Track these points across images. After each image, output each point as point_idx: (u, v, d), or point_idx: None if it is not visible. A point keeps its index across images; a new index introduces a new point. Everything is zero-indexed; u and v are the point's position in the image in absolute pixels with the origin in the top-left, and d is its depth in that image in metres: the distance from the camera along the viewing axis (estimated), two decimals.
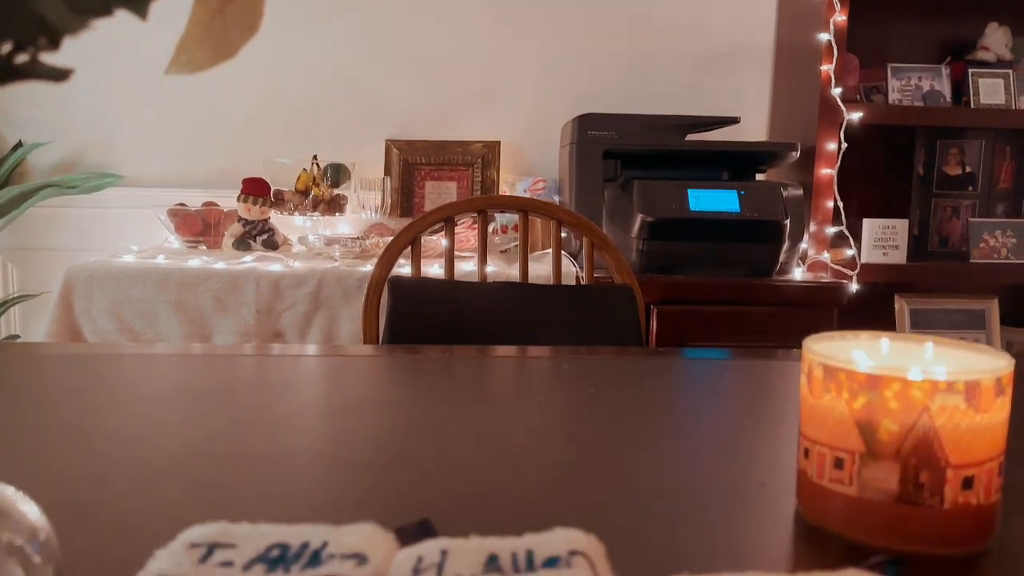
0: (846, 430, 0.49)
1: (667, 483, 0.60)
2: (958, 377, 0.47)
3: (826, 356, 0.51)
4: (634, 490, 0.58)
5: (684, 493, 0.58)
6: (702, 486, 0.59)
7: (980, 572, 0.46)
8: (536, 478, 0.60)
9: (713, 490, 0.58)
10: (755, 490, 0.58)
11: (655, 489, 0.58)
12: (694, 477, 0.61)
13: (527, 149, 2.39)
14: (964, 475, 0.47)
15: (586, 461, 0.64)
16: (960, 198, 2.16)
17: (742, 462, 0.64)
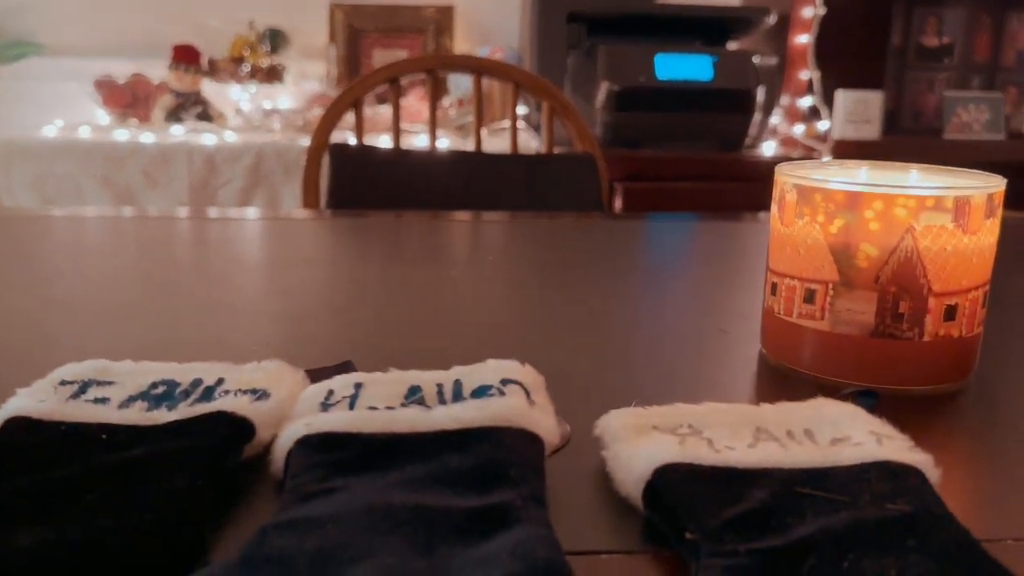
0: (819, 258, 0.44)
1: (621, 333, 0.55)
2: (947, 193, 0.41)
3: (801, 177, 0.45)
4: (583, 339, 0.53)
5: (639, 340, 0.53)
6: (660, 334, 0.54)
7: (958, 410, 0.42)
8: (479, 333, 0.55)
9: (671, 337, 0.54)
10: (716, 335, 0.54)
11: (607, 337, 0.53)
12: (651, 326, 0.56)
13: (484, 14, 2.24)
14: (947, 304, 0.43)
15: (536, 317, 0.59)
16: (936, 70, 2.09)
17: (704, 312, 0.60)
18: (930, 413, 0.41)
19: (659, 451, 0.31)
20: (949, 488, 0.33)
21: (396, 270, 0.71)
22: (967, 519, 0.31)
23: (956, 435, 0.39)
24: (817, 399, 0.35)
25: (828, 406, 0.35)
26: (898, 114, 2.10)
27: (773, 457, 0.31)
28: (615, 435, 0.33)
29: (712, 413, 0.34)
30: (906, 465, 0.30)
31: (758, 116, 1.79)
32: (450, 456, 0.30)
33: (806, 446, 0.32)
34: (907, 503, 0.27)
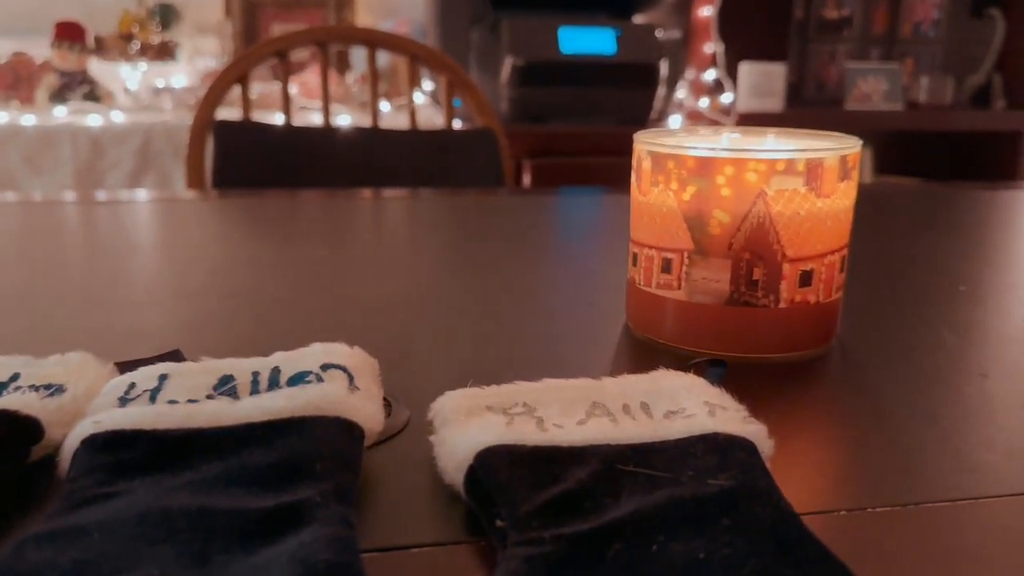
0: (674, 227, 0.43)
1: (492, 309, 0.53)
2: (798, 155, 0.40)
3: (655, 143, 0.43)
4: (453, 317, 0.51)
5: (508, 316, 0.51)
6: (530, 309, 0.53)
7: (814, 378, 0.42)
8: (351, 315, 0.52)
9: (541, 312, 0.52)
10: (583, 309, 0.52)
11: (477, 314, 0.51)
12: (525, 302, 0.54)
13: None
14: (802, 269, 0.42)
15: (415, 296, 0.57)
16: (837, 42, 2.13)
17: (579, 286, 0.58)
18: (786, 381, 0.41)
19: (483, 433, 0.29)
20: (788, 459, 0.32)
21: (277, 251, 0.67)
22: (801, 491, 0.30)
23: (808, 403, 0.39)
24: (659, 371, 0.34)
25: (668, 378, 0.33)
26: (801, 86, 2.14)
27: (602, 433, 0.29)
28: (445, 418, 0.31)
29: (550, 390, 0.33)
30: (736, 437, 0.28)
31: (663, 90, 1.79)
32: (252, 452, 0.28)
33: (639, 420, 0.30)
34: (730, 478, 0.26)
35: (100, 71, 1.90)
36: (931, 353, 0.44)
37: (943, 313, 0.51)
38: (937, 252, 0.68)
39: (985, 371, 0.42)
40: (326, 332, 0.46)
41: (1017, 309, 0.52)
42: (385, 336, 0.46)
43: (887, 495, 0.30)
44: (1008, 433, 0.35)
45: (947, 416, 0.36)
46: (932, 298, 0.55)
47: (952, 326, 0.49)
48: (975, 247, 0.70)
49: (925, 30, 2.17)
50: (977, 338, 0.47)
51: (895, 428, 0.36)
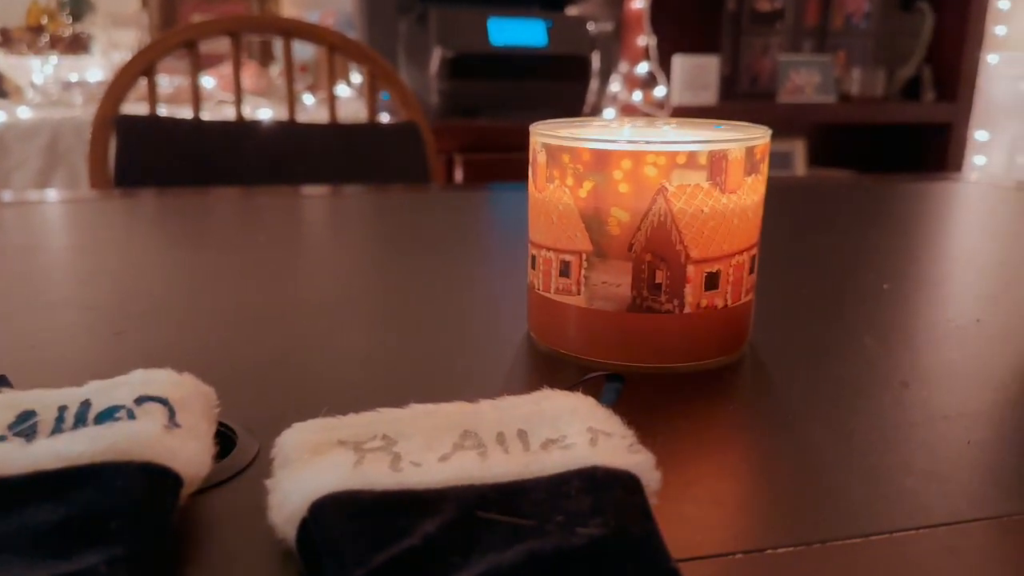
0: (572, 226, 0.39)
1: (384, 316, 0.48)
2: (700, 147, 0.37)
3: (549, 135, 0.39)
4: (337, 326, 0.46)
5: (399, 324, 0.47)
6: (425, 316, 0.48)
7: (727, 390, 0.38)
8: (213, 323, 0.47)
9: (437, 319, 0.48)
10: (488, 316, 0.48)
11: (364, 322, 0.47)
12: (420, 308, 0.50)
13: None
14: (707, 271, 0.38)
15: (295, 301, 0.52)
16: (769, 35, 2.13)
17: (485, 290, 0.54)
18: (692, 393, 0.37)
19: (323, 477, 0.24)
20: (683, 490, 0.29)
21: (167, 255, 0.62)
22: (694, 529, 0.26)
23: (712, 419, 0.35)
24: (543, 391, 0.30)
25: (552, 399, 0.29)
26: (735, 79, 2.13)
27: (466, 472, 0.25)
28: (286, 457, 0.27)
29: (417, 418, 0.28)
30: (616, 471, 0.25)
31: (596, 83, 1.76)
32: (38, 507, 0.23)
33: (512, 453, 0.26)
34: (602, 524, 0.22)
35: (6, 65, 1.79)
36: (849, 360, 0.41)
37: (864, 315, 0.49)
38: (863, 247, 0.65)
39: (906, 379, 0.39)
40: (185, 351, 0.41)
41: (943, 308, 0.50)
42: (258, 353, 0.42)
43: (792, 532, 0.26)
44: (928, 450, 0.32)
45: (863, 432, 0.33)
46: (854, 298, 0.52)
47: (873, 329, 0.46)
48: (903, 241, 0.68)
49: (856, 22, 2.19)
50: (899, 342, 0.44)
51: (806, 447, 0.32)
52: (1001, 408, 0.36)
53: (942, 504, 0.28)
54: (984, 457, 0.31)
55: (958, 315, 0.48)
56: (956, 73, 2.20)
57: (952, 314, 0.48)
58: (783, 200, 0.88)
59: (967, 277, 0.58)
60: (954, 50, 2.20)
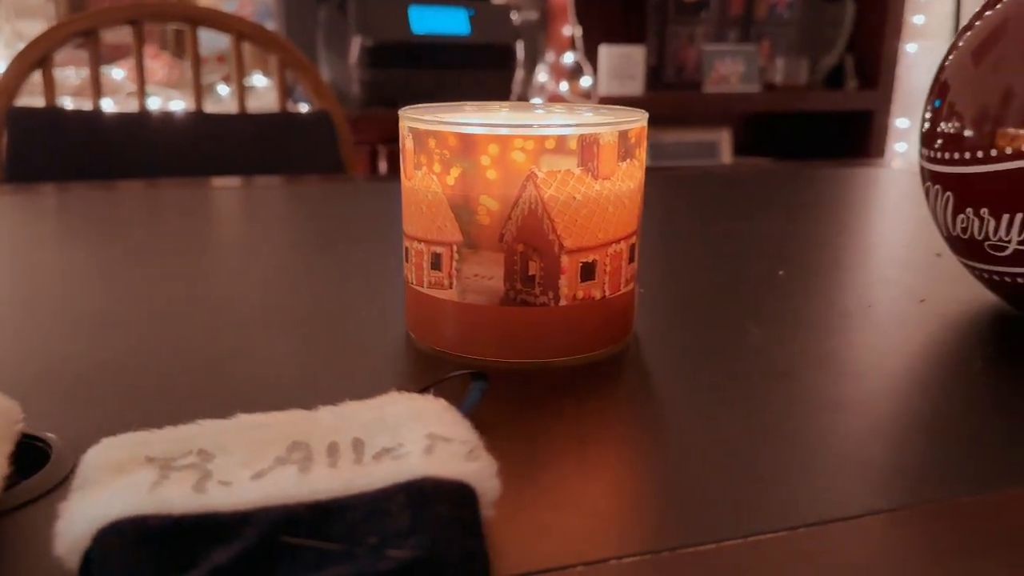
0: (441, 216, 0.37)
1: (255, 314, 0.46)
2: (569, 131, 0.35)
3: (415, 118, 0.37)
4: (200, 326, 0.43)
5: (271, 321, 0.44)
6: (300, 314, 0.46)
7: (606, 384, 0.37)
8: (57, 327, 0.44)
9: (313, 317, 0.45)
10: (367, 314, 0.46)
11: (230, 321, 0.44)
12: (298, 304, 0.47)
13: None
14: (583, 261, 0.37)
15: (165, 299, 0.48)
16: (695, 24, 2.13)
17: (372, 285, 0.51)
18: (570, 389, 0.35)
19: (114, 501, 0.22)
20: (541, 495, 0.27)
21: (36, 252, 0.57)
22: (546, 538, 0.24)
23: (587, 417, 0.33)
24: (390, 395, 0.28)
25: (397, 404, 0.27)
26: (661, 69, 2.14)
27: (281, 490, 0.23)
28: (86, 478, 0.24)
29: (242, 430, 0.26)
30: (447, 483, 0.23)
31: (521, 73, 1.74)
32: None
33: (340, 466, 0.24)
34: (417, 545, 0.20)
35: None
36: (733, 350, 0.40)
37: (755, 302, 0.47)
38: (770, 234, 0.65)
39: (789, 370, 0.38)
40: (13, 359, 0.38)
41: (836, 294, 0.49)
42: (102, 357, 0.38)
43: (645, 539, 0.24)
44: (804, 449, 0.30)
45: (742, 429, 0.32)
46: (747, 286, 0.51)
47: (762, 317, 0.45)
48: (812, 227, 0.68)
49: (780, 12, 2.21)
50: (785, 331, 0.43)
51: (679, 444, 0.31)
52: (878, 398, 0.35)
53: (806, 505, 0.26)
54: (854, 451, 0.30)
55: (851, 301, 0.47)
56: (877, 62, 2.24)
57: (844, 301, 0.48)
58: (701, 188, 0.88)
59: (868, 263, 0.57)
60: (874, 39, 2.25)
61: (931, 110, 0.44)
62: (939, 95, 0.44)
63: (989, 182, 0.40)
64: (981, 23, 0.43)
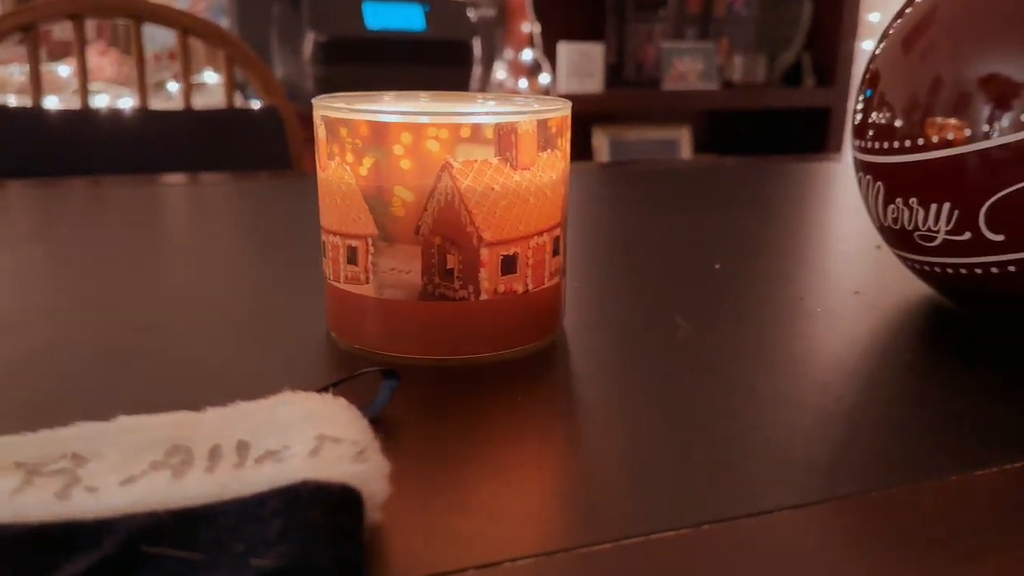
0: (356, 208, 0.35)
1: (179, 312, 0.44)
2: (485, 119, 0.34)
3: (328, 106, 0.36)
4: (115, 326, 0.41)
5: (194, 322, 0.42)
6: (226, 311, 0.44)
7: (534, 377, 0.36)
8: None
9: (233, 317, 0.43)
10: (292, 312, 0.44)
11: (151, 320, 0.42)
12: (216, 305, 0.46)
13: None
14: (503, 255, 0.35)
15: (87, 298, 0.46)
16: (653, 22, 2.14)
17: (295, 284, 0.50)
18: (494, 386, 0.34)
19: None
20: (448, 497, 0.26)
21: None
22: (425, 544, 0.23)
23: (509, 415, 0.32)
24: (284, 394, 0.27)
25: (291, 404, 0.26)
26: (621, 66, 2.14)
27: (150, 496, 0.21)
28: None
29: (121, 433, 0.24)
30: (327, 486, 0.21)
31: (478, 69, 1.73)
32: None
33: (219, 470, 0.23)
34: (283, 554, 0.19)
35: None
36: (662, 346, 0.39)
37: (688, 297, 0.47)
38: (717, 228, 0.64)
39: (715, 364, 0.37)
40: None
41: (770, 287, 0.49)
42: (6, 357, 0.37)
43: (540, 542, 0.23)
44: (721, 445, 0.30)
45: (660, 425, 0.31)
46: (682, 279, 0.50)
47: (693, 312, 0.44)
48: (759, 221, 0.67)
49: (738, 10, 2.22)
50: (716, 325, 0.42)
51: (596, 445, 0.30)
52: (804, 392, 0.34)
53: (714, 500, 0.26)
54: (771, 446, 0.29)
55: (784, 294, 0.47)
56: (834, 59, 2.26)
57: (778, 293, 0.47)
58: (653, 184, 0.87)
59: (807, 255, 0.57)
60: (831, 37, 2.27)
61: (863, 100, 0.44)
62: (870, 84, 0.44)
63: (917, 172, 0.40)
64: (912, 10, 0.43)
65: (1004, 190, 0.37)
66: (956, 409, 0.33)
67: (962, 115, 0.38)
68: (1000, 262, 0.38)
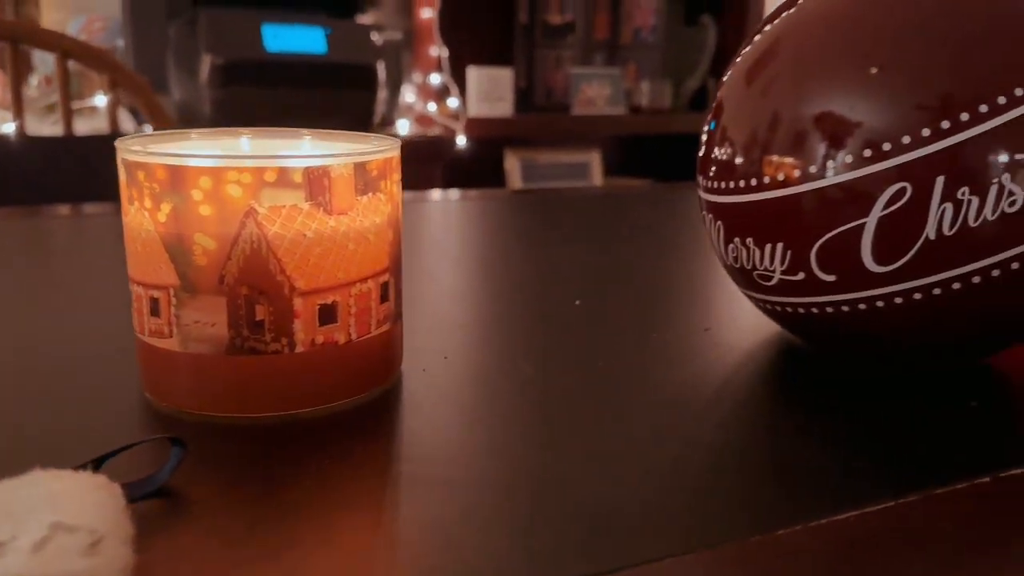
0: (156, 257, 0.33)
1: None
2: (293, 163, 0.32)
3: (127, 148, 0.33)
4: None
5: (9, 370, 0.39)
6: (26, 370, 0.41)
7: (363, 432, 0.34)
8: None
9: (35, 372, 0.40)
10: (101, 369, 0.41)
11: None
12: (30, 359, 0.42)
13: None
14: (320, 304, 0.33)
15: None
16: (562, 48, 2.16)
17: (118, 333, 0.47)
18: (315, 444, 0.32)
19: None
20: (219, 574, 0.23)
21: None
22: None
23: (328, 477, 0.30)
24: (33, 473, 0.24)
25: (35, 485, 0.23)
26: (531, 91, 2.15)
27: None
28: None
29: None
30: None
31: (384, 93, 1.71)
32: None
33: None
34: None
35: None
36: (504, 391, 0.38)
37: (541, 336, 0.46)
38: (585, 260, 0.64)
39: (549, 414, 0.36)
40: None
41: (625, 324, 0.48)
42: None
43: None
44: (552, 501, 0.28)
45: (489, 479, 0.29)
46: (538, 318, 0.49)
47: (543, 353, 0.43)
48: (632, 251, 0.67)
49: (645, 36, 2.26)
50: (561, 367, 0.41)
51: (417, 504, 0.28)
52: (620, 445, 0.33)
53: (527, 563, 0.24)
54: (603, 498, 0.28)
55: (636, 330, 0.46)
56: None
57: (630, 330, 0.46)
58: (553, 213, 0.86)
59: (669, 288, 0.57)
60: None
61: (706, 132, 0.44)
62: (714, 116, 0.43)
63: (754, 212, 0.39)
64: (759, 38, 0.42)
65: (835, 230, 0.36)
66: (779, 457, 0.32)
67: (798, 154, 0.38)
68: (834, 302, 0.38)
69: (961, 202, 0.34)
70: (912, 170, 0.34)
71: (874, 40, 0.37)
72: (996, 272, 0.35)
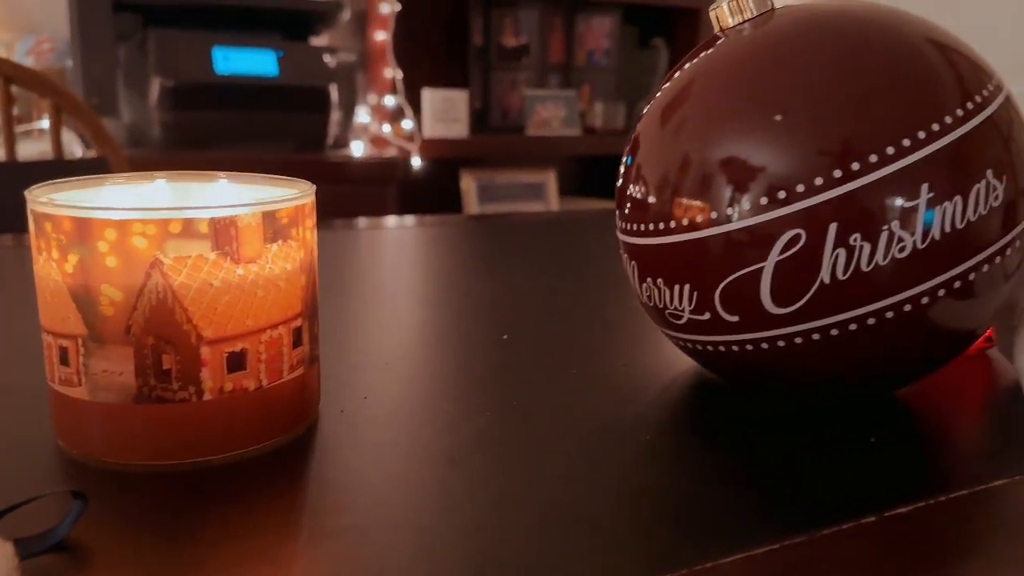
0: (64, 307, 0.33)
1: None
2: (198, 215, 0.32)
3: (36, 198, 0.33)
4: None
5: None
6: None
7: (278, 479, 0.34)
8: None
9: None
10: (16, 416, 0.41)
11: None
12: None
13: None
14: (229, 351, 0.34)
15: None
16: (517, 70, 2.18)
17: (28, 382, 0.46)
18: (225, 494, 0.32)
19: None
20: None
21: None
22: None
23: (236, 528, 0.31)
24: None
25: None
26: (486, 112, 2.16)
27: None
28: None
29: None
30: None
31: (338, 115, 1.71)
32: None
33: None
34: None
35: None
36: (419, 434, 0.38)
37: (463, 374, 0.46)
38: (526, 289, 0.64)
39: (454, 457, 0.36)
40: None
41: (547, 359, 0.48)
42: None
43: None
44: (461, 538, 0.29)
45: (398, 525, 0.30)
46: (464, 353, 0.50)
47: (464, 392, 0.43)
48: (575, 280, 0.68)
49: (598, 59, 2.29)
50: (480, 407, 0.42)
51: (323, 554, 0.28)
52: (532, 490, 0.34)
53: None
54: (508, 544, 0.29)
55: (555, 366, 0.47)
56: None
57: (550, 365, 0.47)
58: (503, 238, 0.87)
59: (595, 320, 0.58)
60: None
61: (624, 165, 0.44)
62: (631, 151, 0.44)
63: (664, 254, 0.40)
64: (678, 75, 0.43)
65: (736, 273, 0.38)
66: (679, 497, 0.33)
67: (705, 197, 0.39)
68: (739, 341, 0.39)
69: (854, 248, 0.36)
70: (806, 217, 0.36)
71: (777, 88, 0.38)
72: (890, 314, 0.37)
